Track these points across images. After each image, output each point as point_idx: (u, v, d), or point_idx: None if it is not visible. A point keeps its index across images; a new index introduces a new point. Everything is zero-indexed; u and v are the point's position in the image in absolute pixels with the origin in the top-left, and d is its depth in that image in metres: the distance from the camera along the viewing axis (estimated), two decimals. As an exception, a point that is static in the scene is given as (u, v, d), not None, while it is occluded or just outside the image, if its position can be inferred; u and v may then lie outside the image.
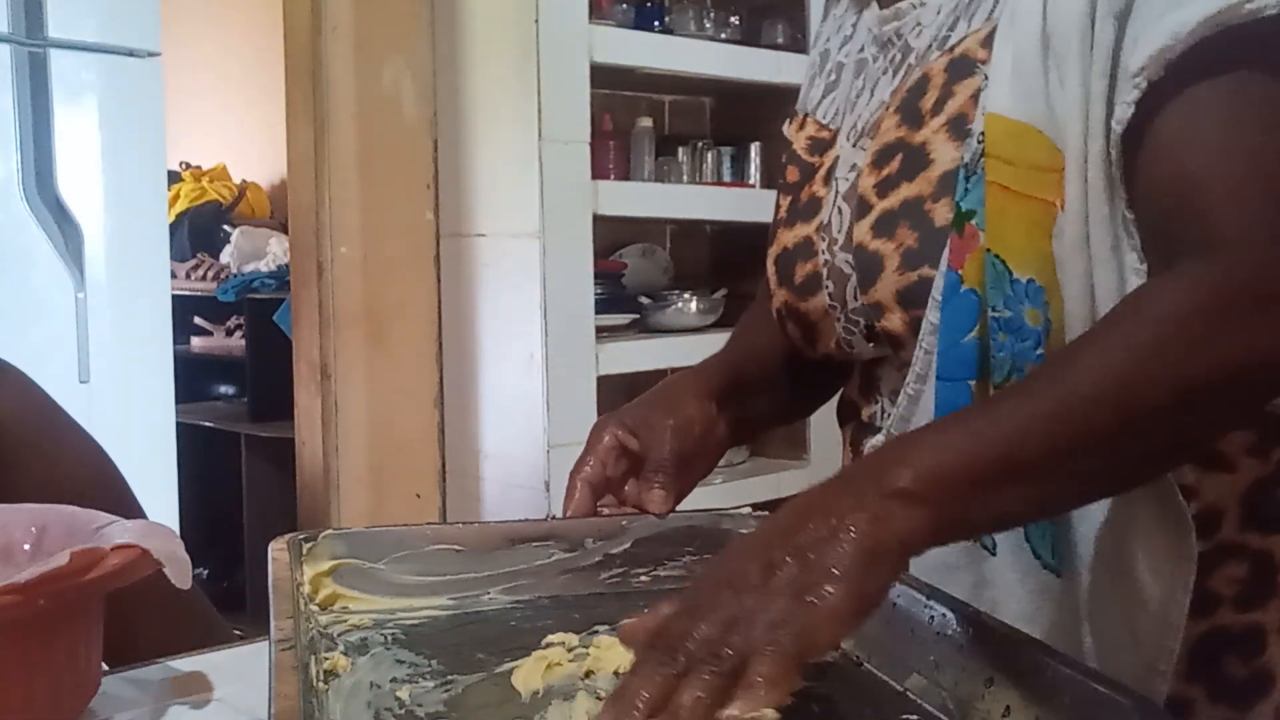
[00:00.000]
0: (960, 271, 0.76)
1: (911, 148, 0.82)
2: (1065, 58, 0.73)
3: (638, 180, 2.58)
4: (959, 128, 0.79)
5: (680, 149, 2.70)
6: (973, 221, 0.75)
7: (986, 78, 0.77)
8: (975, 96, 0.79)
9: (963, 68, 0.81)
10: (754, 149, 2.74)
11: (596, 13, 2.30)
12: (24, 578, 0.64)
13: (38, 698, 0.69)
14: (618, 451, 0.92)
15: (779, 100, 2.51)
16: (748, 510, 0.93)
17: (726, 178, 2.75)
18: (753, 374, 1.04)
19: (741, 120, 2.81)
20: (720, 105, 2.91)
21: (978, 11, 0.82)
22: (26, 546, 0.79)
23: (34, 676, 0.68)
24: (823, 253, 0.89)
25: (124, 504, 1.10)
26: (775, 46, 2.62)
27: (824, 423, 1.11)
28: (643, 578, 0.87)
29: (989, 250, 0.74)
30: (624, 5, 2.46)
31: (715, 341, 1.14)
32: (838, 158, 0.91)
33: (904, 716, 0.66)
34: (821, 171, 0.93)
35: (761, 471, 2.59)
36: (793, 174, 0.97)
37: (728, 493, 2.40)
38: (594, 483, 0.90)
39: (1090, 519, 0.75)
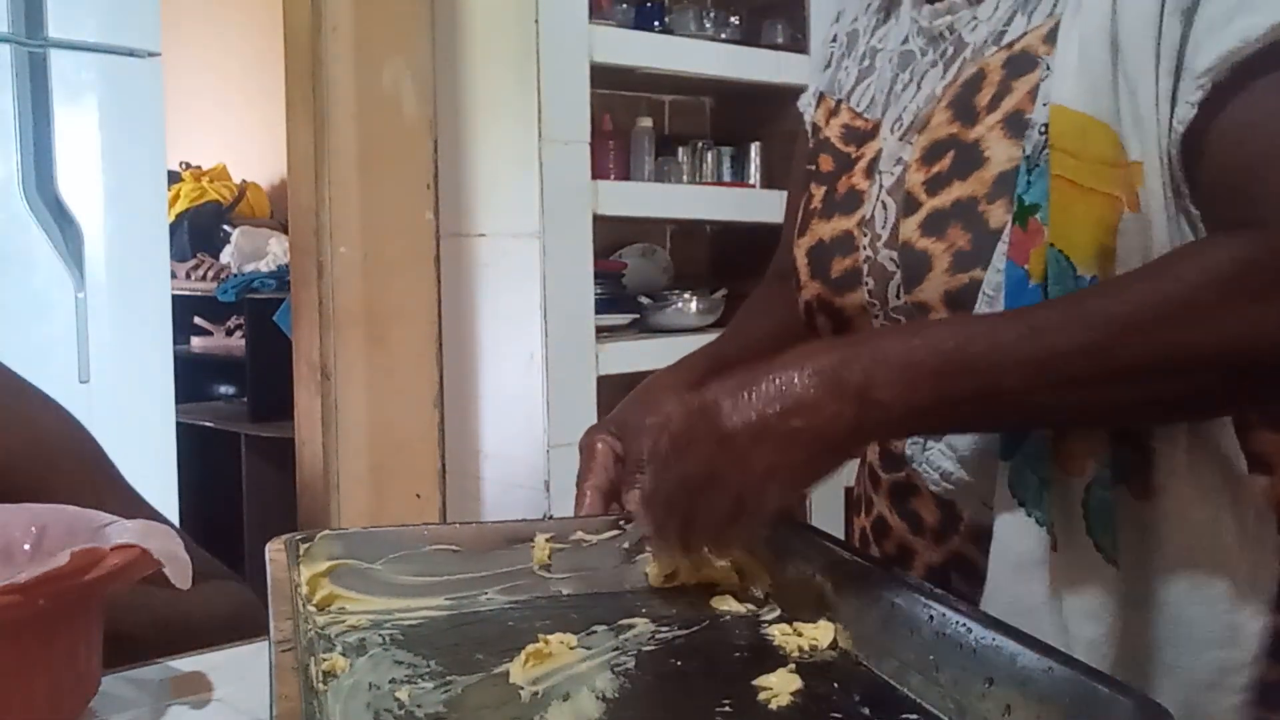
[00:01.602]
0: (1026, 267, 0.74)
1: (964, 145, 0.80)
2: (1137, 56, 0.72)
3: (638, 180, 2.58)
4: (1016, 124, 0.78)
5: (680, 149, 2.70)
6: (1036, 216, 0.74)
7: (1049, 68, 0.76)
8: (1034, 91, 0.77)
9: (1022, 63, 0.79)
10: (754, 149, 2.74)
11: (596, 13, 2.30)
12: (24, 578, 0.64)
13: (38, 698, 0.69)
14: (613, 456, 0.92)
15: (779, 100, 2.51)
16: None
17: (726, 178, 2.75)
18: (742, 361, 1.03)
19: (741, 120, 2.81)
20: (720, 105, 2.91)
21: (1039, 7, 0.80)
22: (26, 546, 0.78)
23: (34, 676, 0.68)
24: (864, 248, 0.87)
25: (101, 467, 1.09)
26: (775, 46, 2.62)
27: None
28: (642, 578, 0.87)
29: (1052, 245, 0.73)
30: (624, 5, 2.46)
31: (715, 342, 1.14)
32: (880, 150, 0.89)
33: (904, 716, 0.65)
34: (862, 164, 0.91)
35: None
36: (826, 163, 0.95)
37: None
38: (603, 489, 0.91)
39: (1166, 513, 0.74)
